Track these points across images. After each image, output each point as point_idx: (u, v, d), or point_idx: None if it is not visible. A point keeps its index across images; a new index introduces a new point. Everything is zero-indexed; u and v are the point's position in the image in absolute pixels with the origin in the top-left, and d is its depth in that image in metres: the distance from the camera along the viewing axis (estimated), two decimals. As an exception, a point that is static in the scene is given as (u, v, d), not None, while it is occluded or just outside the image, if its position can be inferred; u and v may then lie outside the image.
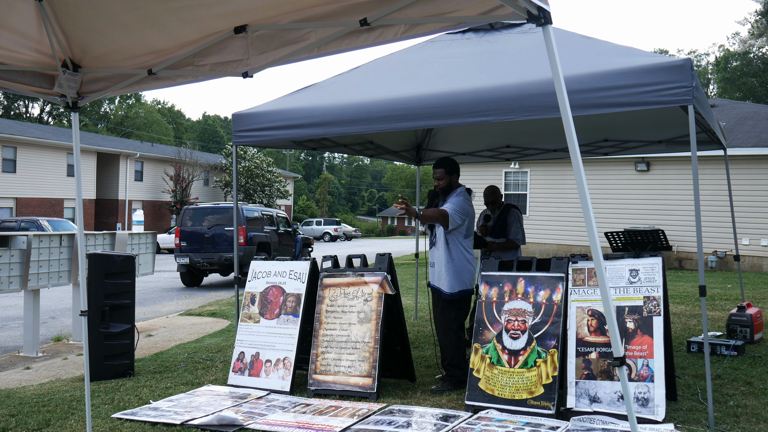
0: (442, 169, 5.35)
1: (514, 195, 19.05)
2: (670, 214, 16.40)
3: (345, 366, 5.18)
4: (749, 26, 33.67)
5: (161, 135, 61.92)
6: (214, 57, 3.47)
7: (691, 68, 4.19)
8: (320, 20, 3.07)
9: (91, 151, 32.87)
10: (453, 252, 5.21)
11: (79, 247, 4.01)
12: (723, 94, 41.22)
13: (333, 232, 46.17)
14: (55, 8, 3.26)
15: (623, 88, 4.30)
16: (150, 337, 8.21)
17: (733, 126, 16.74)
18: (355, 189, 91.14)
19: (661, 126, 6.91)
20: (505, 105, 4.65)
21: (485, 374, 4.75)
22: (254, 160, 42.05)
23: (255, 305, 5.74)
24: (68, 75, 3.74)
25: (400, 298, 5.50)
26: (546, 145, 8.19)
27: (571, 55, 4.75)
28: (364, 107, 5.21)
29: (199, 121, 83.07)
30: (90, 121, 60.28)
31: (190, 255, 14.84)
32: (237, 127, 5.93)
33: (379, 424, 4.33)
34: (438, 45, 6.19)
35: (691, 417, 4.36)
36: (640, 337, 4.48)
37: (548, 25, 2.44)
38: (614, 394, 4.40)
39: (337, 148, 7.54)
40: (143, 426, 4.40)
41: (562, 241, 18.20)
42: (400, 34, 2.94)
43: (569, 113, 2.43)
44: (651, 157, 16.56)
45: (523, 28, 5.85)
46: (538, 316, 4.73)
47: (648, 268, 4.64)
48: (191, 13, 3.13)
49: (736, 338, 6.70)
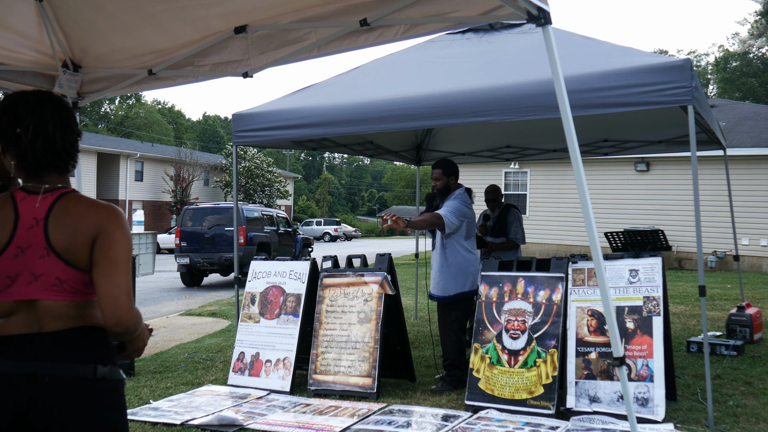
0: (440, 170, 5.34)
1: (514, 195, 19.06)
2: (670, 214, 16.40)
3: (345, 366, 5.18)
4: (749, 26, 33.71)
5: (161, 135, 61.92)
6: (214, 57, 3.47)
7: (691, 68, 4.20)
8: (320, 20, 3.08)
9: (91, 151, 32.87)
10: (449, 255, 5.20)
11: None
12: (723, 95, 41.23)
13: (333, 233, 46.15)
14: (55, 8, 3.27)
15: (623, 88, 4.30)
16: (150, 337, 8.20)
17: (733, 126, 16.74)
18: (355, 189, 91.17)
19: (660, 126, 6.92)
20: (505, 105, 4.65)
21: (485, 374, 4.75)
22: (254, 161, 42.04)
23: (255, 305, 5.75)
24: (68, 75, 3.75)
25: (400, 298, 5.50)
26: (546, 145, 8.19)
27: (570, 56, 4.75)
28: (364, 107, 5.21)
29: (199, 121, 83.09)
30: (90, 121, 60.30)
31: (191, 255, 14.84)
32: (237, 127, 5.93)
33: (379, 424, 4.33)
34: (438, 45, 6.19)
35: (691, 417, 4.36)
36: (640, 337, 4.48)
37: (548, 25, 2.45)
38: (614, 394, 4.40)
39: (337, 148, 7.54)
40: (143, 426, 4.40)
41: (561, 241, 18.20)
42: (400, 34, 2.95)
43: (569, 113, 2.44)
44: (651, 157, 16.56)
45: (523, 29, 5.85)
46: (537, 316, 4.74)
47: (648, 268, 4.64)
48: (191, 13, 3.14)
49: (736, 338, 6.70)
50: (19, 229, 1.79)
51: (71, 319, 1.80)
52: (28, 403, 1.73)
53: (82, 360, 1.78)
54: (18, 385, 1.73)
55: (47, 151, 1.83)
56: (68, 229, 1.79)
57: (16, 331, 1.77)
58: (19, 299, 1.78)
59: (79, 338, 1.81)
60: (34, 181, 1.85)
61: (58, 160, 1.86)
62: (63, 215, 1.80)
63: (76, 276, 1.80)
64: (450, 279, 5.19)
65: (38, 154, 1.83)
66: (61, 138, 1.85)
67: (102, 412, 1.79)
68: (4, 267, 1.78)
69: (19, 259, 1.78)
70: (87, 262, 1.79)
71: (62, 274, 1.78)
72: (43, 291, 1.78)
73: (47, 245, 1.78)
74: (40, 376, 1.73)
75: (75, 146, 1.92)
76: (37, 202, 1.81)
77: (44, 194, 1.83)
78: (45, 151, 1.83)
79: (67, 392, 1.75)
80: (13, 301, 1.78)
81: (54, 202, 1.82)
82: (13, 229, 1.79)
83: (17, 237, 1.78)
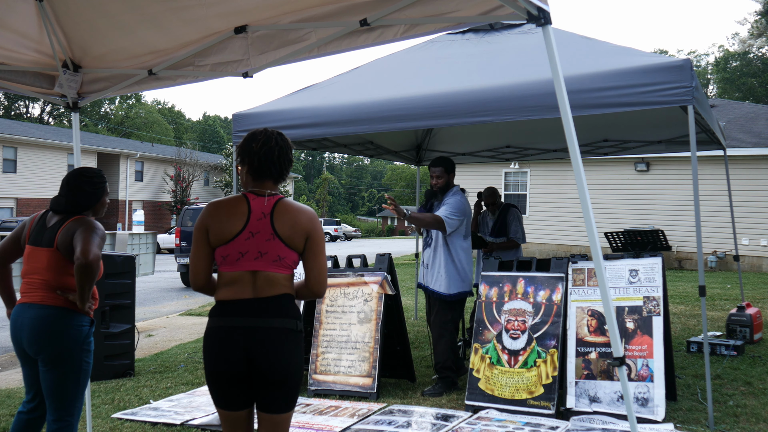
0: (441, 168, 5.34)
1: (514, 195, 19.05)
2: (670, 214, 16.40)
3: (345, 366, 5.18)
4: (749, 26, 33.71)
5: (161, 135, 61.90)
6: (215, 57, 3.47)
7: (691, 68, 4.20)
8: (320, 20, 3.07)
9: (91, 152, 32.86)
10: (453, 253, 5.18)
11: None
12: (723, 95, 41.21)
13: (333, 233, 46.16)
14: (55, 8, 3.27)
15: (623, 88, 4.30)
16: (150, 337, 8.21)
17: (733, 126, 16.74)
18: (355, 189, 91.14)
19: (660, 126, 6.92)
20: (505, 105, 4.65)
21: (485, 374, 4.75)
22: (254, 161, 41.97)
23: (255, 305, 5.74)
24: (68, 75, 3.75)
25: (400, 298, 5.50)
26: (546, 145, 8.19)
27: (570, 56, 4.75)
28: (364, 107, 5.21)
29: (199, 122, 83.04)
30: (90, 121, 60.28)
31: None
32: (237, 127, 5.93)
33: (379, 424, 4.33)
34: (438, 45, 6.19)
35: (691, 417, 4.36)
36: (640, 337, 4.48)
37: (548, 25, 2.45)
38: (614, 394, 4.40)
39: (337, 148, 7.54)
40: (143, 426, 4.40)
41: (561, 241, 18.20)
42: (400, 35, 2.95)
43: (569, 113, 2.44)
44: (651, 157, 16.56)
45: (523, 29, 5.85)
46: (537, 316, 4.74)
47: (648, 268, 4.64)
48: (191, 13, 3.14)
49: (736, 338, 6.70)
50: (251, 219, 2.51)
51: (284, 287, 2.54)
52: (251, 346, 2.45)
53: (289, 316, 2.52)
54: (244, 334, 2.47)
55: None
56: (288, 223, 2.52)
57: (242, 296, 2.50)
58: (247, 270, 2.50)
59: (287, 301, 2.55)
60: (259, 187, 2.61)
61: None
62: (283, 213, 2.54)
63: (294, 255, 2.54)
64: (455, 277, 5.16)
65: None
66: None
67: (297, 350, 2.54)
68: (238, 246, 2.49)
69: (249, 241, 2.49)
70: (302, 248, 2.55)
71: (282, 252, 2.51)
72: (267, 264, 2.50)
73: (273, 232, 2.50)
74: (258, 328, 2.46)
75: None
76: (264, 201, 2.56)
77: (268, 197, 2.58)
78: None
79: (278, 338, 2.48)
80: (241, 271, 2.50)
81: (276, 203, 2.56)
82: (246, 219, 2.50)
83: (249, 225, 2.50)
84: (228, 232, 2.49)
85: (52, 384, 3.06)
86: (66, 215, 3.16)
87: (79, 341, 3.09)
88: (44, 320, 3.04)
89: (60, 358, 3.05)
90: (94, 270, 2.96)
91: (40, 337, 3.02)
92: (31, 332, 3.03)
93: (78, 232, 3.05)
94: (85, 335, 3.13)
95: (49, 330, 3.03)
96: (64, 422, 3.09)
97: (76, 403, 3.12)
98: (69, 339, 3.06)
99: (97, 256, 2.98)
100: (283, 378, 2.46)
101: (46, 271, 3.09)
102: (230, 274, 2.51)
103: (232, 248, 2.49)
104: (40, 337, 3.03)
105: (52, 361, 3.04)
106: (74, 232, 3.06)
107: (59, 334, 3.04)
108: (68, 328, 3.06)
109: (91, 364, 3.19)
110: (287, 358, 2.47)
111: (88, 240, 3.00)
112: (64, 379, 3.07)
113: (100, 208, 3.30)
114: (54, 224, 3.14)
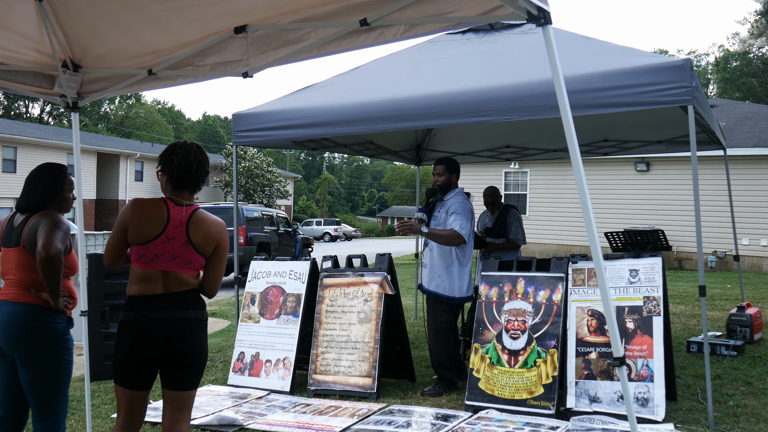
0: (443, 166, 5.34)
1: (514, 195, 19.05)
2: (670, 214, 16.40)
3: (345, 366, 5.18)
4: (749, 26, 33.70)
5: (161, 135, 61.87)
6: (214, 57, 3.47)
7: (691, 68, 4.20)
8: (320, 20, 3.07)
9: (91, 151, 32.84)
10: (461, 257, 5.17)
11: (80, 247, 4.01)
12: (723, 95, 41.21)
13: (333, 233, 46.15)
14: (55, 8, 3.26)
15: (623, 88, 4.30)
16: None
17: (733, 126, 16.74)
18: (355, 189, 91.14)
19: (661, 126, 6.92)
20: (505, 105, 4.65)
21: (485, 374, 4.75)
22: (254, 160, 42.02)
23: (255, 305, 5.75)
24: (68, 75, 3.74)
25: (400, 298, 5.50)
26: (546, 145, 8.19)
27: (570, 56, 4.75)
28: (364, 107, 5.21)
29: (199, 121, 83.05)
30: (90, 121, 60.28)
31: (190, 255, 14.82)
32: (237, 127, 5.93)
33: (379, 424, 4.33)
34: (438, 45, 6.19)
35: (691, 417, 4.36)
36: (640, 337, 4.48)
37: (548, 25, 2.44)
38: (614, 394, 4.40)
39: (337, 148, 7.54)
40: (143, 426, 4.39)
41: (561, 241, 18.20)
42: (400, 34, 2.94)
43: (569, 113, 2.43)
44: (651, 157, 16.55)
45: (523, 29, 5.85)
46: (537, 316, 4.74)
47: (648, 268, 4.64)
48: (191, 13, 3.13)
49: (736, 338, 6.70)
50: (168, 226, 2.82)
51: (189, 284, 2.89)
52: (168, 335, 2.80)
53: (198, 308, 2.88)
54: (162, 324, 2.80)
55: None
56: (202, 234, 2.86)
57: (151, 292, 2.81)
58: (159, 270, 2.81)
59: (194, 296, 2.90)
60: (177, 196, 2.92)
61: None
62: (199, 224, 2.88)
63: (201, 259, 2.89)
64: (459, 280, 5.14)
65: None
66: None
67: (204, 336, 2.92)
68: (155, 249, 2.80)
69: (165, 245, 2.80)
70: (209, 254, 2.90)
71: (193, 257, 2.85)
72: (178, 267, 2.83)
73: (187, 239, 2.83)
74: (175, 319, 2.80)
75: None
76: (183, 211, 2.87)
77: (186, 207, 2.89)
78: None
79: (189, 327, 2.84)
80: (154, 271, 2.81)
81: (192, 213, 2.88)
82: (164, 225, 2.81)
83: (167, 231, 2.81)
84: (146, 234, 2.79)
85: (32, 383, 3.05)
86: (30, 213, 3.16)
87: (54, 339, 3.08)
88: (17, 317, 3.03)
89: (35, 355, 3.04)
90: (55, 264, 2.95)
91: (13, 334, 3.02)
92: (4, 329, 3.03)
93: (41, 226, 3.05)
94: (61, 333, 3.11)
95: (23, 327, 3.03)
96: (49, 421, 3.08)
97: (59, 402, 3.11)
98: (42, 336, 3.05)
99: (58, 249, 2.97)
100: (196, 359, 2.84)
101: (17, 270, 3.09)
102: (144, 271, 2.81)
103: (148, 249, 2.79)
104: (12, 334, 3.02)
105: (28, 359, 3.03)
106: (37, 228, 3.06)
107: (32, 330, 3.03)
108: (41, 326, 3.05)
109: (71, 362, 3.17)
110: (200, 342, 2.86)
111: (50, 234, 3.00)
112: (43, 378, 3.06)
113: (63, 203, 3.28)
114: (20, 223, 3.14)
